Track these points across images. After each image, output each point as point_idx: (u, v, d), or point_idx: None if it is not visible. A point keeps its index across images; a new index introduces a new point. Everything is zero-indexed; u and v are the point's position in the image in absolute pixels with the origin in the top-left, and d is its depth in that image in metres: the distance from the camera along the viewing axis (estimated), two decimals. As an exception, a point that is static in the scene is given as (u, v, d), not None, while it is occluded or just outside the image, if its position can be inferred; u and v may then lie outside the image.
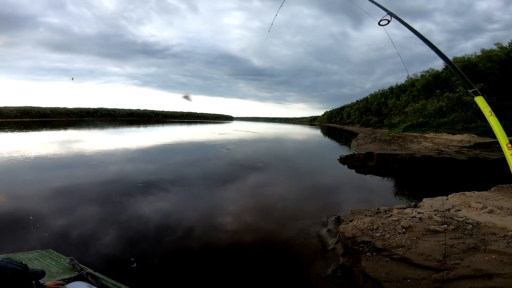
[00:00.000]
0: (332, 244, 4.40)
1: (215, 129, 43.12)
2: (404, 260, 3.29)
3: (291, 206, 6.60)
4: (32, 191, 6.96)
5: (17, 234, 4.34)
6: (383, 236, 3.72)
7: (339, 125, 62.32)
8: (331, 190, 8.28)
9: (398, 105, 32.08)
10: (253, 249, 4.41)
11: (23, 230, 4.40)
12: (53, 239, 2.84)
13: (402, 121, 25.44)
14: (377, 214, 4.61)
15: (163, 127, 45.89)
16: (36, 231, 2.88)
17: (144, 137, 25.51)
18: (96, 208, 5.90)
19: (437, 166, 10.48)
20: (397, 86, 41.48)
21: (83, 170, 9.80)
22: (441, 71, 27.21)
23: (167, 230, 4.92)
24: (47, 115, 61.96)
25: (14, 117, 52.64)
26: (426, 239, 3.56)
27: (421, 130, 19.22)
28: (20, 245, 3.86)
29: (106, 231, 4.78)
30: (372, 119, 41.77)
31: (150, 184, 7.88)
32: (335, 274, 3.63)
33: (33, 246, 3.30)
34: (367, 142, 19.62)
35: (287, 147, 21.95)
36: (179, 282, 3.46)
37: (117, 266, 3.69)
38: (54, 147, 16.02)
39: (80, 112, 73.41)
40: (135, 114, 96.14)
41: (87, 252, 3.95)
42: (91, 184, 7.84)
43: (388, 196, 7.60)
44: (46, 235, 2.78)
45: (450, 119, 18.36)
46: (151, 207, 6.09)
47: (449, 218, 4.05)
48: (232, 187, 8.18)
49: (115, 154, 13.72)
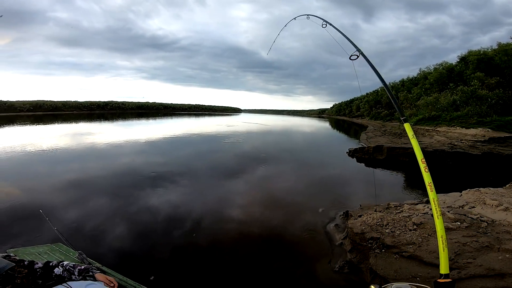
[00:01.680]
0: (339, 239, 4.33)
1: (223, 121, 43.19)
2: (414, 258, 3.20)
3: (298, 199, 6.54)
4: (43, 184, 7.10)
5: (28, 228, 4.43)
6: (393, 233, 3.62)
7: (348, 118, 61.48)
8: (339, 183, 8.17)
9: (410, 98, 31.44)
10: (260, 243, 4.39)
11: (33, 224, 4.49)
12: (62, 233, 2.87)
13: (413, 114, 24.89)
14: (387, 209, 4.50)
15: (171, 120, 46.24)
16: (46, 224, 2.91)
17: (153, 129, 25.75)
18: (105, 201, 5.97)
19: (449, 160, 10.19)
20: (408, 79, 40.71)
21: (93, 163, 9.95)
22: (455, 64, 26.54)
23: (175, 223, 4.94)
24: (58, 109, 63.13)
25: (27, 111, 53.80)
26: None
27: (434, 123, 18.76)
28: (30, 239, 3.95)
29: (114, 224, 4.84)
30: (382, 112, 41.02)
31: (159, 177, 7.93)
32: (342, 270, 3.57)
33: (43, 240, 3.36)
34: (376, 135, 19.28)
35: (295, 139, 21.79)
36: (187, 275, 3.47)
37: (124, 260, 3.71)
38: (66, 140, 16.35)
39: (90, 106, 74.45)
40: (144, 106, 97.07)
41: (95, 246, 3.98)
42: (101, 176, 7.95)
43: (398, 191, 7.44)
44: (55, 229, 2.81)
45: (464, 112, 17.83)
46: (160, 199, 6.13)
47: (463, 215, 3.92)
48: (240, 180, 8.16)
49: (124, 147, 13.89)
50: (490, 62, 21.89)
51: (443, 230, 1.51)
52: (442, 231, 1.50)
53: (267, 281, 3.40)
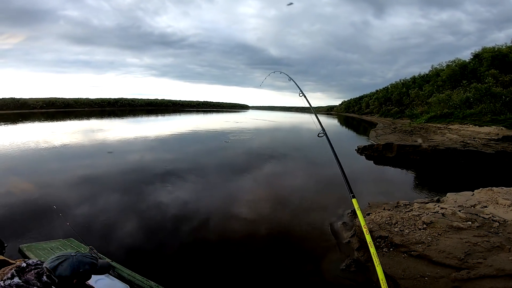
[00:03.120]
0: (347, 237, 4.31)
1: (231, 118, 43.27)
2: (423, 257, 3.16)
3: (306, 197, 6.52)
4: (56, 180, 7.28)
5: (41, 223, 4.55)
6: (402, 232, 3.59)
7: (357, 115, 60.68)
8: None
9: (421, 95, 30.85)
10: (267, 239, 4.41)
11: (47, 219, 4.61)
12: (74, 228, 2.95)
13: (425, 111, 24.40)
14: (396, 208, 4.45)
15: (180, 116, 46.65)
16: (59, 220, 2.98)
17: (162, 126, 26.04)
18: (115, 197, 6.10)
19: (461, 159, 9.96)
20: (420, 76, 39.95)
21: (104, 159, 10.16)
22: (469, 61, 25.97)
23: (184, 219, 5.01)
24: (70, 106, 64.49)
25: (40, 108, 55.14)
26: (448, 236, 3.40)
27: (446, 121, 18.33)
28: (44, 233, 4.06)
29: (124, 220, 4.94)
30: (392, 109, 40.33)
31: (168, 173, 8.04)
32: (349, 268, 3.56)
33: (55, 235, 3.45)
34: (386, 132, 18.99)
35: (303, 136, 21.66)
36: (195, 271, 3.52)
37: (133, 255, 3.78)
38: (78, 136, 16.71)
39: (101, 103, 75.79)
40: (153, 103, 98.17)
41: (105, 241, 4.07)
42: (112, 172, 8.12)
43: (408, 189, 7.32)
44: (67, 224, 2.88)
45: (478, 110, 17.34)
46: (169, 196, 6.22)
47: (474, 215, 3.83)
48: (248, 177, 8.20)
49: (134, 143, 14.12)
50: (504, 59, 21.34)
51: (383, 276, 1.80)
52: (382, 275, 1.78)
53: (275, 278, 3.43)
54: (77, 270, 1.37)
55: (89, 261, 1.46)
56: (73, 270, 1.36)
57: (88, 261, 1.45)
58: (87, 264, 1.43)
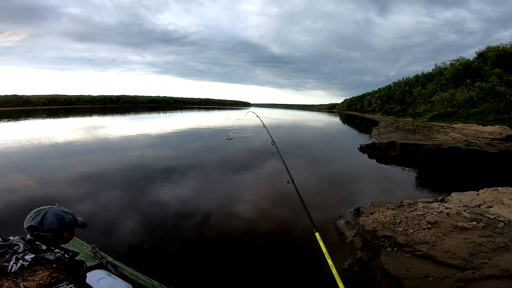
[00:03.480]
0: (350, 236, 4.29)
1: (233, 115, 43.23)
2: (428, 257, 3.14)
3: (308, 195, 6.48)
4: (58, 177, 7.29)
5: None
6: (406, 231, 3.56)
7: (359, 113, 60.47)
8: (350, 179, 8.06)
9: (424, 94, 30.74)
10: (269, 238, 4.40)
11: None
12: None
13: (428, 110, 24.30)
14: (400, 207, 4.41)
15: (182, 113, 46.66)
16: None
17: (164, 123, 26.04)
18: (117, 195, 6.09)
19: (464, 158, 9.90)
20: (423, 75, 39.87)
21: (106, 156, 10.17)
22: (473, 60, 25.90)
23: (185, 217, 5.01)
24: (73, 103, 64.67)
25: (43, 105, 55.35)
26: (452, 236, 3.37)
27: (449, 120, 18.25)
28: None
29: (126, 218, 4.93)
30: (394, 108, 40.17)
31: (170, 170, 8.04)
32: (352, 268, 3.54)
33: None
34: (389, 131, 18.91)
35: (305, 134, 21.63)
36: (195, 270, 3.51)
37: (135, 254, 3.78)
38: (80, 133, 16.75)
39: (103, 100, 75.96)
40: (155, 101, 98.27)
41: (107, 240, 4.07)
42: (113, 170, 8.12)
43: (411, 188, 7.28)
44: None
45: (481, 109, 17.26)
46: (170, 193, 6.21)
47: (479, 215, 3.80)
48: (249, 174, 8.18)
49: (136, 140, 14.12)
50: (509, 58, 21.31)
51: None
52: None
53: (276, 277, 3.41)
54: (63, 220, 1.31)
55: (67, 210, 1.40)
56: (59, 221, 1.29)
57: (67, 210, 1.39)
58: (68, 214, 1.37)
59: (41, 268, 1.12)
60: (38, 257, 1.13)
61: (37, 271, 1.10)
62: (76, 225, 1.42)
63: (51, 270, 1.13)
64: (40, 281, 1.07)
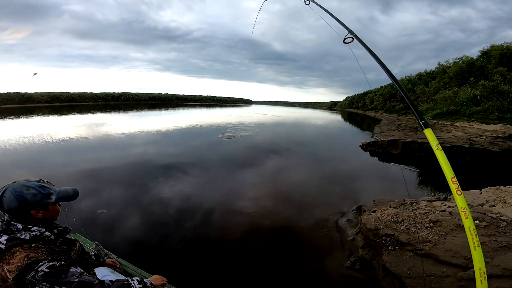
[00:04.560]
0: (351, 235, 4.29)
1: (234, 112, 43.21)
2: (429, 256, 3.14)
3: (310, 193, 6.50)
4: (61, 174, 7.33)
5: None
6: (408, 230, 3.55)
7: (361, 111, 60.24)
8: (352, 177, 8.04)
9: (427, 92, 30.57)
10: (270, 236, 4.39)
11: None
12: (80, 224, 2.95)
13: (430, 108, 24.18)
14: (402, 205, 4.41)
15: (183, 110, 46.67)
16: (65, 215, 2.97)
17: (165, 120, 26.05)
18: (119, 192, 6.11)
19: (467, 157, 9.85)
20: (426, 73, 39.57)
21: (108, 153, 10.20)
22: (476, 58, 25.77)
23: (187, 214, 5.02)
24: (75, 100, 64.92)
25: (45, 102, 55.55)
26: (455, 235, 3.36)
27: (452, 118, 18.15)
28: None
29: (129, 215, 4.95)
30: (397, 106, 39.94)
31: (171, 167, 8.05)
32: (353, 266, 3.54)
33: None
34: (391, 129, 18.84)
35: (307, 131, 21.59)
36: (198, 267, 3.53)
37: (139, 251, 3.80)
38: (82, 130, 16.81)
39: (105, 97, 76.16)
40: (157, 98, 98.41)
41: (111, 237, 4.08)
42: (115, 167, 8.14)
43: (413, 186, 7.26)
44: (74, 219, 2.88)
45: (485, 108, 17.16)
46: (172, 191, 6.23)
47: (482, 214, 3.79)
48: (251, 172, 8.18)
49: (137, 137, 14.15)
50: (513, 57, 21.18)
51: (482, 261, 1.22)
52: (481, 263, 1.21)
53: (277, 274, 3.42)
54: (22, 196, 1.17)
55: (34, 184, 1.24)
56: (17, 198, 1.16)
57: (32, 185, 1.23)
58: (33, 188, 1.21)
59: (19, 249, 1.09)
60: (12, 237, 1.10)
61: (15, 253, 1.08)
62: (48, 199, 1.25)
63: (28, 251, 1.10)
64: (18, 263, 1.05)
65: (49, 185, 1.32)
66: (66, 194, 1.36)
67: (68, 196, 1.37)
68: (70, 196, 1.37)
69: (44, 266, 1.08)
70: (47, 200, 1.25)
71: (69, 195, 1.37)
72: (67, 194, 1.36)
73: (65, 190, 1.37)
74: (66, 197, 1.36)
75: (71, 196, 1.38)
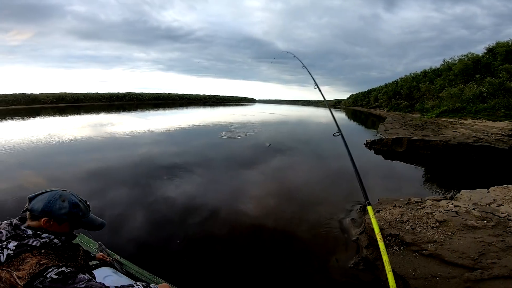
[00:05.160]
0: (355, 234, 4.24)
1: (237, 111, 43.21)
2: (435, 257, 3.08)
3: (313, 191, 6.45)
4: (66, 173, 7.38)
5: None
6: (414, 230, 3.49)
7: (365, 109, 59.80)
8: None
9: (432, 89, 30.29)
10: (273, 235, 4.37)
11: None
12: None
13: (436, 105, 23.93)
14: (407, 205, 4.34)
15: (187, 110, 46.79)
16: None
17: (169, 120, 26.14)
18: (123, 192, 6.12)
19: (474, 155, 9.70)
20: (431, 70, 39.27)
21: (112, 153, 10.26)
22: (482, 55, 25.57)
23: (190, 214, 5.01)
24: (80, 100, 65.47)
25: (50, 103, 56.11)
26: (461, 235, 3.29)
27: (458, 115, 17.93)
28: None
29: (132, 215, 4.96)
30: (401, 103, 39.57)
31: (176, 167, 8.06)
32: (357, 266, 3.50)
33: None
34: (396, 126, 18.65)
35: (310, 129, 21.49)
36: (200, 268, 3.52)
37: (141, 251, 3.79)
38: (87, 130, 16.95)
39: (110, 97, 76.70)
40: (161, 97, 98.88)
41: (114, 238, 4.07)
42: (119, 166, 8.18)
43: (419, 185, 7.16)
44: None
45: (491, 105, 16.93)
46: (175, 190, 6.23)
47: (490, 213, 3.71)
48: (254, 171, 8.15)
49: (142, 137, 14.21)
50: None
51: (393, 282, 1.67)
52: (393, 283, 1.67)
53: (280, 275, 3.39)
54: (50, 205, 1.16)
55: (74, 200, 1.24)
56: (46, 204, 1.16)
57: (73, 200, 1.23)
58: (68, 202, 1.21)
59: (29, 256, 1.09)
60: (21, 244, 1.09)
61: (25, 259, 1.07)
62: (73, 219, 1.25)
63: (39, 257, 1.09)
64: (30, 270, 1.04)
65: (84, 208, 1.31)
66: (91, 222, 1.34)
67: (92, 225, 1.35)
68: (94, 226, 1.36)
69: (52, 272, 1.07)
70: (66, 217, 1.22)
71: (94, 224, 1.35)
72: (92, 222, 1.35)
73: (94, 219, 1.36)
74: (90, 225, 1.35)
75: (96, 226, 1.36)
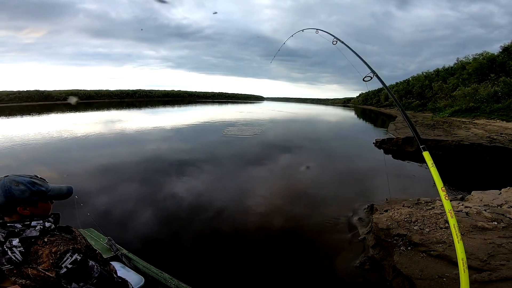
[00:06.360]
0: (362, 234, 4.22)
1: (246, 109, 43.23)
2: (443, 258, 3.04)
3: (321, 190, 6.44)
4: (78, 169, 7.56)
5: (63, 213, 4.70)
6: (422, 230, 3.45)
7: (375, 108, 58.86)
8: (364, 175, 7.89)
9: (445, 89, 29.62)
10: (281, 233, 4.38)
11: (68, 209, 4.77)
12: (95, 219, 3.03)
13: (448, 105, 23.39)
14: (416, 205, 4.29)
15: (196, 107, 47.11)
16: (80, 210, 3.05)
17: (178, 117, 26.40)
18: (133, 188, 6.24)
19: (487, 155, 9.46)
20: (444, 69, 38.34)
21: (123, 149, 10.45)
22: (497, 54, 24.81)
23: (199, 211, 5.06)
24: (91, 97, 66.97)
25: (63, 100, 57.52)
26: (471, 236, 3.24)
27: (471, 115, 17.51)
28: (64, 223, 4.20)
29: (142, 211, 5.06)
30: (413, 102, 38.78)
31: (185, 164, 8.17)
32: (363, 266, 3.49)
33: (76, 225, 3.57)
34: (406, 125, 18.29)
35: (320, 128, 21.35)
36: (207, 264, 3.56)
37: (149, 247, 3.86)
38: (99, 127, 17.30)
39: (121, 94, 78.09)
40: (170, 95, 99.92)
41: (123, 232, 4.16)
42: (129, 162, 8.33)
43: (429, 186, 6.99)
44: (88, 214, 2.96)
45: (506, 105, 16.46)
46: (184, 187, 6.31)
47: (501, 215, 3.63)
48: (262, 169, 8.17)
49: (151, 134, 14.44)
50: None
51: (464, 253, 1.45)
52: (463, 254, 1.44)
53: (287, 273, 3.41)
54: (9, 192, 1.09)
55: (25, 180, 1.15)
56: (5, 193, 1.08)
57: (23, 180, 1.14)
58: (22, 184, 1.13)
59: (38, 248, 1.09)
60: (23, 238, 1.08)
61: (38, 251, 1.08)
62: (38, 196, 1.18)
63: (47, 246, 1.09)
64: (50, 261, 1.06)
65: (41, 182, 1.23)
66: (59, 192, 1.27)
67: (61, 195, 1.27)
68: (63, 195, 1.28)
69: (67, 261, 1.08)
70: (36, 197, 1.16)
71: (62, 193, 1.28)
72: (60, 192, 1.27)
73: (59, 188, 1.27)
74: (59, 195, 1.27)
75: (65, 195, 1.29)
